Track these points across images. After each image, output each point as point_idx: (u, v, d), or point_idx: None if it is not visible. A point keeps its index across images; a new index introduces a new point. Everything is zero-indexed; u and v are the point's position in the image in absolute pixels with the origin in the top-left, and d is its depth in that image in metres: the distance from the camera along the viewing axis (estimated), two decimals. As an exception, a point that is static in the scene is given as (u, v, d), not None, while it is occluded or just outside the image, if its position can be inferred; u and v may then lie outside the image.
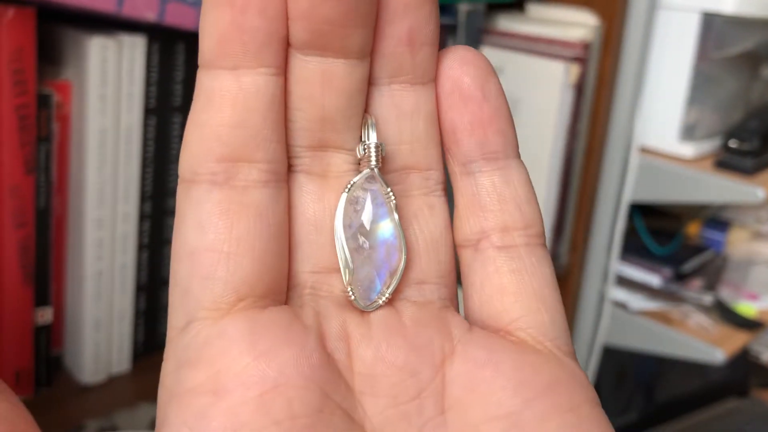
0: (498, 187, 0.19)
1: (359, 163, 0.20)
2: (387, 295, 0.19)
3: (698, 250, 0.91)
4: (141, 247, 0.54)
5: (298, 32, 0.18)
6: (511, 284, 0.19)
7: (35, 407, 0.51)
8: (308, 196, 0.19)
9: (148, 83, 0.50)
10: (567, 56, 0.71)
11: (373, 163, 0.19)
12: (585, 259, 0.86)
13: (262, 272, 0.18)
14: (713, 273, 0.89)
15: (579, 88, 0.72)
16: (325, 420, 0.17)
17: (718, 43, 0.78)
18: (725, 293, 0.89)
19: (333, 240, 0.19)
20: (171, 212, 0.55)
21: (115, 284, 0.53)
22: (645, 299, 0.86)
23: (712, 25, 0.76)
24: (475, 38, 0.73)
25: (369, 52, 0.19)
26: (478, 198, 0.20)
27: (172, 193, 0.55)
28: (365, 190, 0.19)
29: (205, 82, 0.18)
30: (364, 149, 0.19)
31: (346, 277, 0.19)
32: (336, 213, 0.19)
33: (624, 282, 0.87)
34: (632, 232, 0.89)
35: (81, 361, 0.53)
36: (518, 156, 0.20)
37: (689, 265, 0.88)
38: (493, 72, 0.19)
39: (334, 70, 0.18)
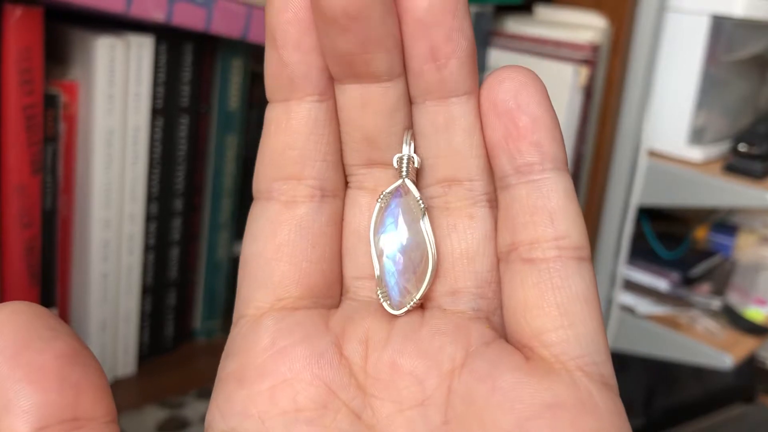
0: (530, 198, 0.19)
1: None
2: (415, 300, 0.20)
3: (706, 254, 0.90)
4: (147, 248, 0.54)
5: (331, 66, 0.19)
6: (533, 297, 0.19)
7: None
8: (357, 209, 0.21)
9: (155, 83, 0.50)
10: (576, 59, 0.70)
11: (404, 173, 0.20)
12: (593, 264, 0.86)
13: (301, 276, 0.20)
14: (721, 278, 0.89)
15: (588, 91, 0.72)
16: (329, 415, 0.19)
17: (728, 47, 0.77)
18: (733, 298, 0.89)
19: None
20: (177, 213, 0.55)
21: (121, 286, 0.52)
22: (652, 304, 0.85)
23: (722, 28, 0.76)
24: (483, 41, 0.73)
25: (400, 72, 0.19)
26: (510, 210, 0.19)
27: (179, 195, 0.55)
28: (396, 198, 0.21)
29: (268, 114, 0.20)
30: (398, 161, 0.20)
31: (376, 281, 0.21)
32: (370, 222, 0.21)
33: (631, 286, 0.87)
34: (640, 236, 0.88)
35: (86, 363, 0.52)
36: (560, 168, 0.19)
37: (697, 270, 0.87)
38: (534, 85, 0.19)
39: (370, 93, 0.20)
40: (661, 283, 0.86)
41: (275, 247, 0.20)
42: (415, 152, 0.20)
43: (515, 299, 0.19)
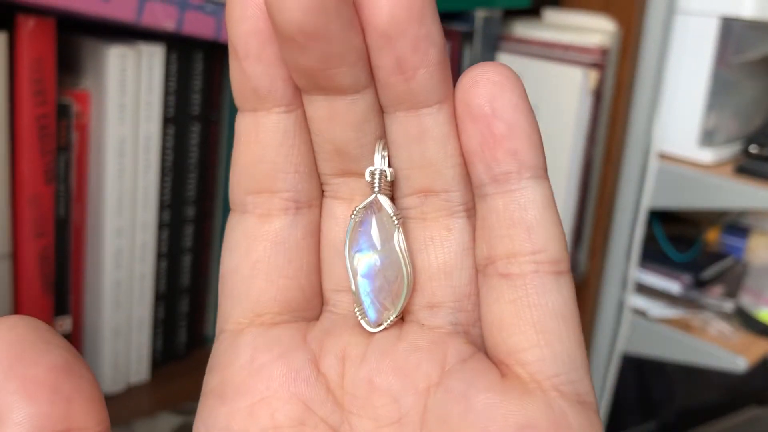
0: (507, 210, 0.18)
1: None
2: (393, 317, 0.20)
3: (718, 256, 0.90)
4: (160, 256, 0.54)
5: (295, 79, 0.19)
6: (509, 314, 0.18)
7: (54, 417, 0.51)
8: (333, 220, 0.21)
9: (166, 92, 0.50)
10: (585, 62, 0.70)
11: (376, 188, 0.20)
12: (604, 267, 0.86)
13: (277, 292, 0.20)
14: (734, 280, 0.88)
15: (597, 94, 0.72)
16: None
17: (737, 48, 0.77)
18: (746, 300, 0.88)
19: None
20: (189, 221, 0.55)
21: (134, 293, 0.53)
22: (664, 306, 0.85)
23: (731, 29, 0.76)
24: (492, 45, 0.73)
25: (367, 83, 0.19)
26: (487, 222, 0.19)
27: (191, 202, 0.55)
28: (369, 214, 0.20)
29: (237, 124, 0.20)
30: (370, 176, 0.20)
31: (354, 299, 0.20)
32: (345, 238, 0.20)
33: (643, 289, 0.87)
34: (651, 239, 0.88)
35: (100, 371, 0.53)
36: (539, 176, 0.18)
37: (709, 272, 0.87)
38: (510, 87, 0.18)
39: (336, 106, 0.19)
40: (673, 286, 0.85)
41: (251, 264, 0.20)
42: (389, 162, 0.20)
43: (491, 315, 0.19)
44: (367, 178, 0.20)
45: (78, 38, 0.49)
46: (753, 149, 0.78)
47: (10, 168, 0.45)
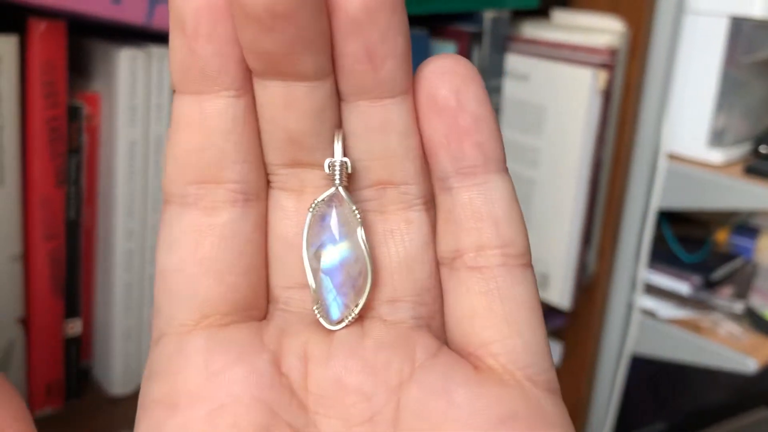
0: (475, 203, 0.18)
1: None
2: (354, 314, 0.19)
3: (728, 257, 0.89)
4: (170, 258, 0.54)
5: (251, 62, 0.18)
6: (481, 307, 0.18)
7: (65, 419, 0.51)
8: (282, 212, 0.19)
9: (176, 94, 0.50)
10: (594, 63, 0.70)
11: (337, 181, 0.19)
12: (613, 267, 0.85)
13: (227, 291, 0.19)
14: (743, 280, 0.88)
15: (606, 95, 0.72)
16: None
17: (747, 48, 0.77)
18: (756, 301, 0.88)
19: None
20: (199, 223, 0.55)
21: (145, 295, 0.53)
22: (674, 307, 0.85)
23: (741, 29, 0.75)
24: (501, 45, 0.73)
25: (329, 71, 0.18)
26: (453, 215, 0.19)
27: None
28: (330, 208, 0.19)
29: (175, 107, 0.18)
30: (329, 167, 0.19)
31: (312, 296, 0.19)
32: (303, 233, 0.19)
33: (652, 290, 0.86)
34: (660, 240, 0.88)
35: (110, 373, 0.53)
36: (502, 170, 0.19)
37: (719, 273, 0.87)
38: (474, 79, 0.18)
39: (294, 92, 0.18)
40: (683, 287, 0.85)
41: (197, 261, 0.18)
42: (346, 153, 0.19)
43: (461, 308, 0.19)
44: (327, 169, 0.19)
45: (89, 41, 0.50)
46: (763, 149, 0.77)
47: (21, 170, 0.45)
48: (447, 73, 0.18)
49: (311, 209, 0.19)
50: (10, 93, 0.44)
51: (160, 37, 0.49)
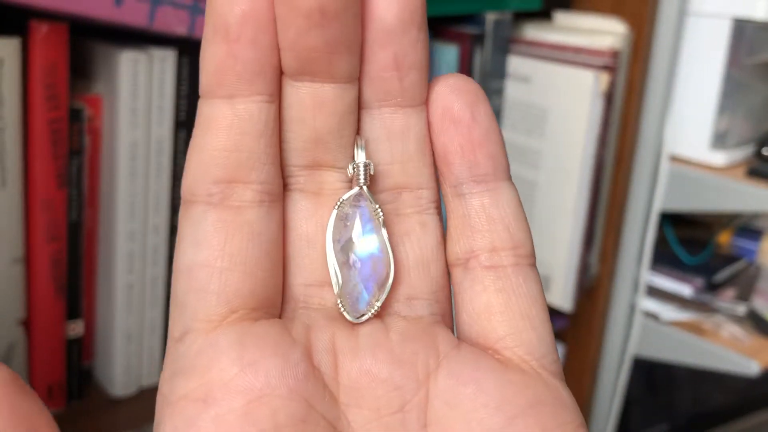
0: (487, 208, 0.20)
1: (351, 182, 0.20)
2: (376, 308, 0.20)
3: (730, 259, 0.89)
4: (172, 259, 0.54)
5: (288, 61, 0.19)
6: (498, 303, 0.20)
7: (67, 420, 0.51)
8: (302, 213, 0.20)
9: (178, 96, 0.51)
10: (596, 65, 0.70)
11: (362, 181, 0.20)
12: (615, 269, 0.85)
13: (254, 286, 0.19)
14: (746, 283, 0.88)
15: (608, 97, 0.72)
16: (308, 430, 0.18)
17: (750, 50, 0.77)
18: (759, 303, 0.88)
19: (324, 255, 0.20)
20: (201, 225, 0.55)
21: (146, 297, 0.53)
22: (676, 310, 0.85)
23: (744, 31, 0.75)
24: (503, 47, 0.73)
25: (356, 76, 0.19)
26: (468, 219, 0.20)
27: (202, 206, 0.55)
28: (354, 206, 0.20)
29: (205, 110, 0.19)
30: (354, 168, 0.20)
31: (336, 290, 0.20)
32: (327, 228, 0.20)
33: (655, 292, 0.86)
34: (663, 242, 0.88)
35: (112, 374, 0.53)
36: (509, 178, 0.20)
37: (721, 275, 0.86)
38: (483, 98, 0.20)
39: (325, 94, 0.19)
40: (685, 289, 0.85)
41: (227, 256, 0.19)
42: (367, 158, 0.20)
43: (478, 305, 0.20)
44: (350, 170, 0.20)
45: (90, 43, 0.50)
46: (765, 151, 0.77)
47: (22, 172, 0.46)
48: (460, 90, 0.20)
49: (337, 207, 0.20)
50: (12, 95, 0.44)
51: (162, 40, 0.49)
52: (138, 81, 0.48)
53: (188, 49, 0.50)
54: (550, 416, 0.19)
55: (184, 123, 0.52)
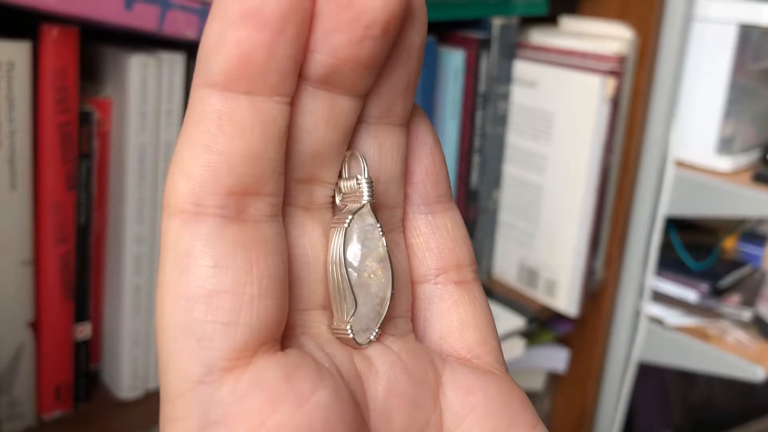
0: (449, 228, 0.21)
1: (340, 197, 0.19)
2: (377, 330, 0.19)
3: (735, 264, 0.89)
4: (178, 262, 0.54)
5: (317, 65, 0.17)
6: (469, 316, 0.21)
7: (74, 422, 0.51)
8: (296, 230, 0.19)
9: (187, 100, 0.51)
10: (602, 70, 0.70)
11: (367, 198, 0.19)
12: (620, 275, 0.85)
13: (282, 313, 0.17)
14: (751, 288, 0.88)
15: (614, 102, 0.72)
16: None
17: (756, 55, 0.77)
18: (764, 308, 0.87)
19: (322, 276, 0.19)
20: (208, 228, 0.55)
21: (154, 299, 0.53)
22: (681, 315, 0.85)
23: (749, 37, 0.75)
24: (509, 53, 0.73)
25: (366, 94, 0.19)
26: (434, 237, 0.21)
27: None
28: (360, 224, 0.19)
29: (214, 103, 0.16)
30: (358, 184, 0.19)
31: (345, 314, 0.19)
32: (332, 248, 0.19)
33: (660, 297, 0.86)
34: (668, 247, 0.88)
35: (119, 377, 0.53)
36: (453, 200, 0.22)
37: (726, 280, 0.86)
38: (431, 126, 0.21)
39: (339, 106, 0.18)
40: (690, 294, 0.85)
41: (257, 280, 0.16)
42: (349, 173, 0.19)
43: (451, 318, 0.21)
44: (350, 186, 0.19)
45: (100, 47, 0.50)
46: (771, 157, 0.77)
47: (32, 175, 0.46)
48: (425, 119, 0.21)
49: (346, 224, 0.19)
50: (23, 98, 0.44)
51: (171, 44, 0.49)
52: (147, 84, 0.48)
53: (197, 53, 0.50)
54: (530, 415, 0.20)
55: (193, 126, 0.52)
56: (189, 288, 0.16)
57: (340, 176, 0.19)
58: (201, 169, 0.16)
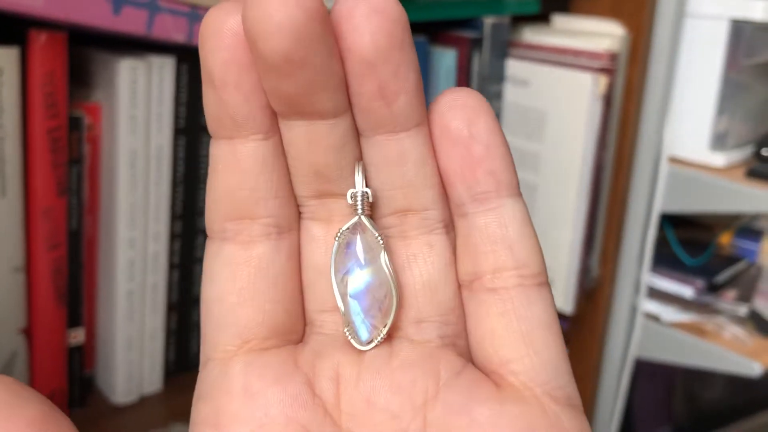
0: (489, 228, 0.20)
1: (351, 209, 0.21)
2: (383, 335, 0.20)
3: (731, 260, 0.89)
4: (172, 266, 0.54)
5: (275, 105, 0.19)
6: (500, 327, 0.19)
7: (69, 428, 0.51)
8: (314, 242, 0.21)
9: (177, 103, 0.51)
10: (594, 67, 0.70)
11: (359, 210, 0.20)
12: (616, 271, 0.85)
13: (264, 318, 0.20)
14: (747, 283, 0.88)
15: (607, 99, 0.72)
16: None
17: (748, 51, 0.77)
18: (760, 304, 0.87)
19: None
20: (201, 231, 0.55)
21: (147, 304, 0.53)
22: (678, 311, 0.85)
23: (742, 32, 0.75)
24: (501, 51, 0.73)
25: (346, 108, 0.19)
26: (470, 239, 0.20)
27: (202, 212, 0.55)
28: (354, 235, 0.20)
29: (213, 151, 0.20)
30: (352, 197, 0.20)
31: (342, 319, 0.20)
32: (330, 260, 0.20)
33: (656, 294, 0.86)
34: (663, 243, 0.88)
35: (113, 382, 0.53)
36: (515, 194, 0.20)
37: (722, 276, 0.86)
38: (484, 111, 0.19)
39: (316, 130, 0.19)
40: (686, 290, 0.85)
41: (236, 291, 0.20)
42: (368, 184, 0.20)
43: (482, 329, 0.20)
44: (349, 200, 0.20)
45: (89, 51, 0.50)
46: (765, 152, 0.77)
47: (22, 181, 0.46)
48: (458, 107, 0.19)
49: (337, 237, 0.20)
50: (12, 104, 0.44)
51: (160, 47, 0.49)
52: (137, 89, 0.48)
53: (187, 57, 0.50)
54: None
55: (183, 130, 0.52)
56: (201, 295, 0.21)
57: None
58: (208, 202, 0.20)
